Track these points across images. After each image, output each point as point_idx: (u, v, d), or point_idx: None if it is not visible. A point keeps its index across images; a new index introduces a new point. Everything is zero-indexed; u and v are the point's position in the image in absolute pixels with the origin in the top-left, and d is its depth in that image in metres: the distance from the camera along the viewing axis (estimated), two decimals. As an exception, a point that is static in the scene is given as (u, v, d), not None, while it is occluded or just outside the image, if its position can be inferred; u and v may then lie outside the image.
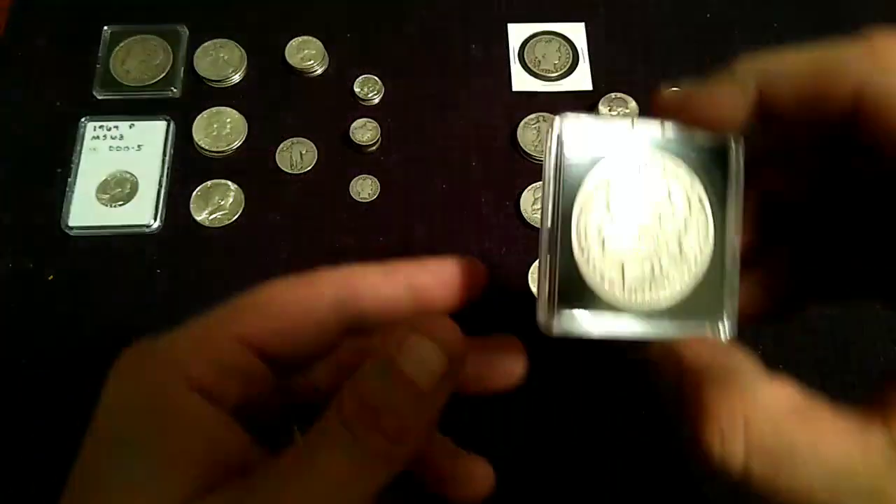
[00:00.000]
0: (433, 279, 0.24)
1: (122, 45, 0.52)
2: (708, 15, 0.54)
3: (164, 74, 0.51)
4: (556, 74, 0.52)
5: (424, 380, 0.21)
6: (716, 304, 0.22)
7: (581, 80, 0.52)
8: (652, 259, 0.22)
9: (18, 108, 0.50)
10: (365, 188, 0.48)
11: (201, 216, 0.47)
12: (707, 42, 0.53)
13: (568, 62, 0.52)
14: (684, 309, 0.22)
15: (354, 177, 0.48)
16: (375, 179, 0.48)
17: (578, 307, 0.22)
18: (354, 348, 0.26)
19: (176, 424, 0.21)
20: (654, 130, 0.22)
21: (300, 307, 0.23)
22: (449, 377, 0.21)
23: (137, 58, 0.51)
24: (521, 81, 0.52)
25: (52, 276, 0.45)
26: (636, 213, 0.22)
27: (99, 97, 0.50)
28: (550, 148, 0.22)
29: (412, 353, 0.21)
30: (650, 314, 0.22)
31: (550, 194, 0.22)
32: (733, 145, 0.22)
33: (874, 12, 0.55)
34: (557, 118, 0.22)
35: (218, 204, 0.47)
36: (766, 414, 0.19)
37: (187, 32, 0.52)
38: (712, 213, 0.22)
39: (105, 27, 0.52)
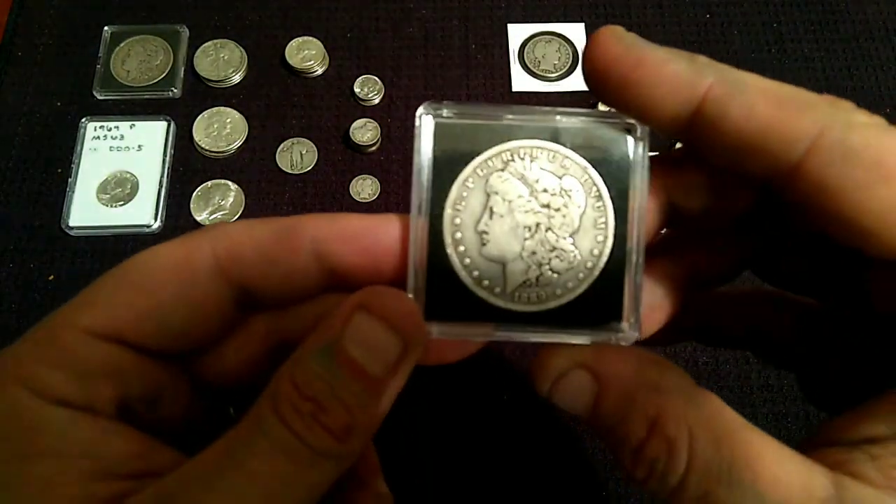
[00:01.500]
0: (345, 244, 0.20)
1: (122, 45, 0.52)
2: (708, 15, 0.54)
3: (164, 75, 0.51)
4: (555, 75, 0.52)
5: (377, 368, 0.18)
6: (615, 306, 0.20)
7: (581, 80, 0.51)
8: (540, 257, 0.20)
9: (19, 108, 0.50)
10: (365, 188, 0.48)
11: (202, 216, 0.47)
12: (707, 42, 0.53)
13: (568, 62, 0.52)
14: (579, 311, 0.20)
15: (354, 177, 0.48)
16: (375, 179, 0.48)
17: (452, 311, 0.20)
18: (264, 329, 0.22)
19: (36, 446, 0.17)
20: (544, 117, 0.20)
21: (166, 280, 0.19)
22: (405, 364, 0.18)
23: (138, 58, 0.51)
24: (521, 82, 0.52)
25: (52, 277, 0.45)
26: (521, 208, 0.20)
27: (99, 97, 0.50)
28: (417, 141, 0.19)
29: (361, 335, 0.18)
30: (538, 316, 0.20)
31: (416, 189, 0.19)
32: (638, 131, 0.20)
33: (874, 12, 0.55)
34: (422, 108, 0.19)
35: (218, 204, 0.47)
36: (709, 426, 0.18)
37: (187, 32, 0.53)
38: (613, 207, 0.20)
39: (105, 27, 0.52)
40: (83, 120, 0.49)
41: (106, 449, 0.18)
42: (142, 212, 0.47)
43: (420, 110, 0.20)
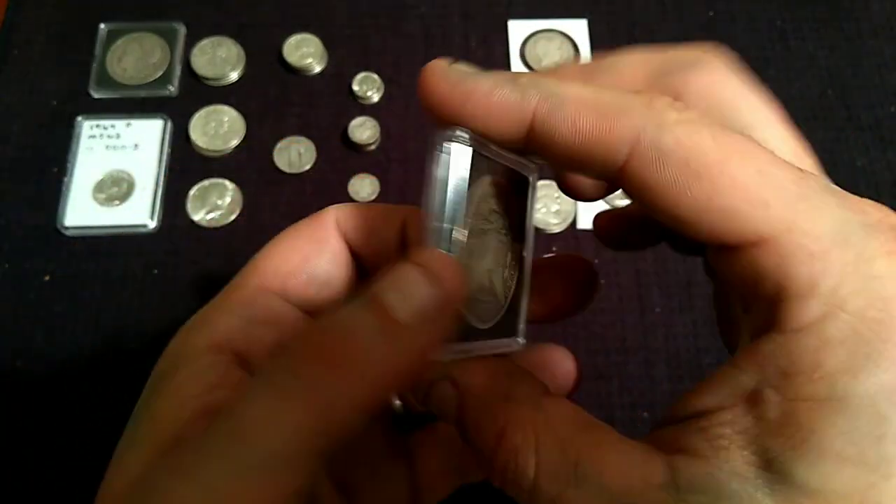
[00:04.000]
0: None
1: (118, 42, 0.51)
2: (711, 12, 0.54)
3: (161, 73, 0.50)
4: (557, 72, 0.51)
5: (404, 311, 0.17)
6: (514, 319, 0.22)
7: (582, 78, 0.51)
8: (491, 283, 0.21)
9: (14, 106, 0.49)
10: (364, 188, 0.47)
11: (199, 216, 0.46)
12: (710, 40, 0.53)
13: (569, 60, 0.52)
14: (496, 327, 0.21)
15: (353, 176, 0.48)
16: (375, 179, 0.48)
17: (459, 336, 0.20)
18: None
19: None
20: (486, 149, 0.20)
21: (306, 246, 0.24)
22: (437, 315, 0.18)
23: (134, 56, 0.51)
24: (522, 79, 0.51)
25: (48, 277, 0.45)
26: (486, 236, 0.21)
27: (95, 96, 0.50)
28: (435, 171, 0.20)
29: (397, 281, 0.18)
30: (486, 332, 0.21)
31: (430, 219, 0.20)
32: (535, 172, 0.22)
33: (878, 10, 0.54)
34: (444, 138, 0.20)
35: (215, 204, 0.47)
36: (554, 431, 0.19)
37: (184, 30, 0.52)
38: (523, 237, 0.22)
39: (101, 25, 0.52)
40: (79, 118, 0.49)
41: None
42: (138, 211, 0.46)
43: (441, 142, 0.20)
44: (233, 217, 0.47)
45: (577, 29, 0.53)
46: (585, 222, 0.47)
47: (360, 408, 0.17)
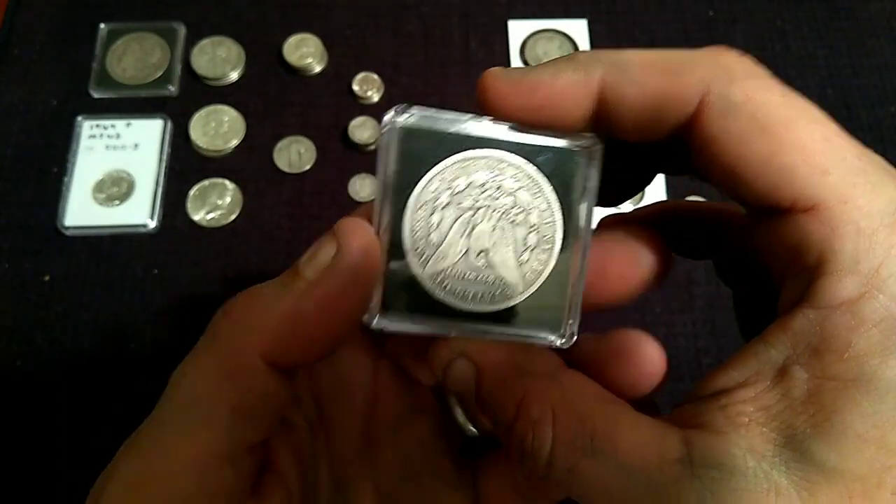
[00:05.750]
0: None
1: (118, 42, 0.51)
2: (711, 12, 0.54)
3: (161, 72, 0.50)
4: (557, 72, 0.51)
5: (309, 268, 0.19)
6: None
7: (582, 78, 0.51)
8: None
9: (14, 106, 0.49)
10: (364, 187, 0.47)
11: (198, 216, 0.46)
12: (710, 40, 0.53)
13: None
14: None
15: (353, 176, 0.48)
16: (375, 179, 0.48)
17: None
18: None
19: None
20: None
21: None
22: (338, 269, 0.19)
23: (134, 56, 0.51)
24: (522, 79, 0.51)
25: (48, 277, 0.45)
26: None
27: (95, 95, 0.50)
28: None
29: (313, 249, 0.20)
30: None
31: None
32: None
33: (878, 9, 0.54)
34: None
35: (215, 203, 0.47)
36: (571, 404, 0.19)
37: (184, 30, 0.52)
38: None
39: (101, 25, 0.52)
40: (79, 118, 0.49)
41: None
42: (138, 211, 0.46)
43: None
44: (233, 217, 0.47)
45: (577, 29, 0.53)
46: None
47: (261, 353, 0.19)
